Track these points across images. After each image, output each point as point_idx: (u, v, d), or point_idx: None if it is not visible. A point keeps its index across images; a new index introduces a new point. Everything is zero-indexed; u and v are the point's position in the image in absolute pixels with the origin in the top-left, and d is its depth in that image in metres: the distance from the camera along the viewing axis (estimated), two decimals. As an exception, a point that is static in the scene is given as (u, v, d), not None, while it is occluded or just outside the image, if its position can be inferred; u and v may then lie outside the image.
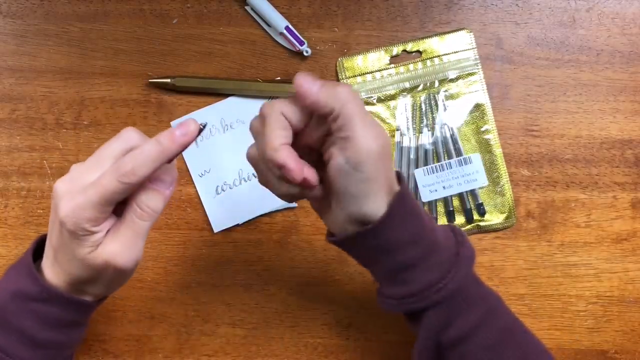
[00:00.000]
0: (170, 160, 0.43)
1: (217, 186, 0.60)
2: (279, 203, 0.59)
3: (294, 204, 0.60)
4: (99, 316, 0.59)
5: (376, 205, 0.43)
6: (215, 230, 0.59)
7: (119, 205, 0.43)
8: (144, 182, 0.42)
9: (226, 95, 0.60)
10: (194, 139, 0.43)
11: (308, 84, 0.43)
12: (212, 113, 0.60)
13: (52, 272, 0.44)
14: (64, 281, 0.44)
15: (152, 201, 0.43)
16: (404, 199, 0.43)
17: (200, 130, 0.43)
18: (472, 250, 0.46)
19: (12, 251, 0.59)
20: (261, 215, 0.60)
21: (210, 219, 0.59)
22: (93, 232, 0.42)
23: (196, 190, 0.60)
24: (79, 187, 0.41)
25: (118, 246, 0.42)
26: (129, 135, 0.43)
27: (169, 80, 0.59)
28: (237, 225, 0.60)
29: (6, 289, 0.45)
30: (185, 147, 0.42)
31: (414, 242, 0.44)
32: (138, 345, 0.59)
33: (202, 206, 0.60)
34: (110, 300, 0.59)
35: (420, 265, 0.44)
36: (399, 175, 0.45)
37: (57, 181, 0.42)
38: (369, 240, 0.44)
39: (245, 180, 0.60)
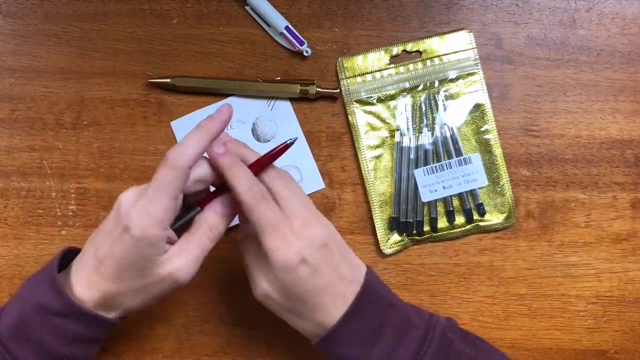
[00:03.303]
0: (211, 141, 0.45)
1: (217, 186, 0.60)
2: (279, 203, 0.59)
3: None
4: (99, 316, 0.59)
5: (328, 312, 0.45)
6: (215, 230, 0.59)
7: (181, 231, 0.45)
8: (193, 166, 0.44)
9: (226, 95, 0.60)
10: (229, 118, 0.46)
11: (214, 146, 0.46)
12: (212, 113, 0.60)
13: (88, 283, 0.44)
14: (102, 293, 0.44)
15: (220, 224, 0.45)
16: (354, 316, 0.44)
17: (289, 145, 0.47)
18: (442, 351, 0.46)
19: (12, 251, 0.59)
20: (261, 215, 0.60)
21: (210, 219, 0.59)
22: (159, 239, 0.43)
23: (196, 190, 0.60)
24: (143, 197, 0.43)
25: (184, 261, 0.44)
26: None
27: (169, 80, 0.59)
28: (237, 225, 0.60)
29: (29, 300, 0.45)
30: (224, 124, 0.45)
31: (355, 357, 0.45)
32: (138, 345, 0.59)
33: (202, 206, 0.60)
34: (110, 300, 0.59)
35: None
36: (367, 276, 0.47)
37: (123, 192, 0.44)
38: (322, 351, 0.46)
39: (245, 180, 0.60)
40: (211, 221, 0.45)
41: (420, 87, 0.59)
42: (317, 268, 0.44)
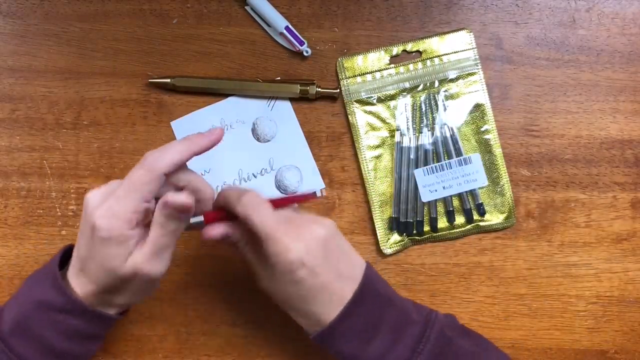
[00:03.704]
0: (193, 155, 0.45)
1: (217, 186, 0.60)
2: (279, 203, 0.60)
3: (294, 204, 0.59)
4: (99, 316, 0.59)
5: (324, 310, 0.45)
6: (215, 230, 0.59)
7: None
8: (169, 173, 0.43)
9: (226, 95, 0.60)
10: (219, 140, 0.46)
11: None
12: (212, 113, 0.60)
13: (78, 282, 0.45)
14: (90, 292, 0.45)
15: (172, 223, 0.44)
16: (352, 312, 0.45)
17: (317, 195, 0.48)
18: (440, 347, 0.46)
19: (12, 251, 0.59)
20: (261, 215, 0.60)
21: (210, 219, 0.59)
22: (127, 238, 0.42)
23: (196, 190, 0.60)
24: (111, 197, 0.43)
25: (142, 255, 0.43)
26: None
27: (169, 80, 0.59)
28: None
29: (30, 297, 0.45)
30: (211, 144, 0.45)
31: (354, 357, 0.46)
32: (138, 345, 0.59)
33: (202, 206, 0.60)
34: (110, 300, 0.59)
35: None
36: (366, 271, 0.47)
37: (88, 192, 0.44)
38: (319, 345, 0.47)
39: (245, 180, 0.60)
40: (161, 218, 0.44)
41: (420, 87, 0.59)
42: (316, 269, 0.44)
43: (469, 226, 0.59)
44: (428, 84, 0.59)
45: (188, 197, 0.43)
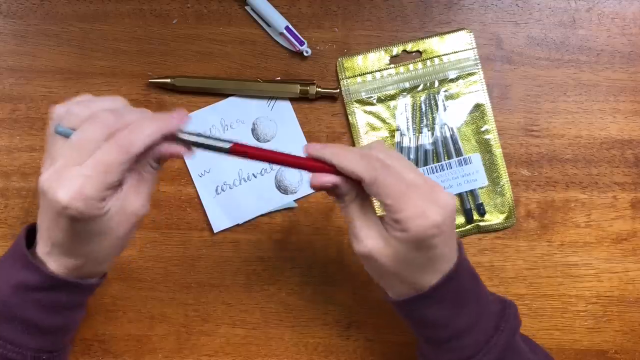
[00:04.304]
0: (166, 135, 0.42)
1: (217, 186, 0.60)
2: (279, 203, 0.59)
3: (294, 204, 0.60)
4: (99, 316, 0.59)
5: (428, 278, 0.44)
6: (215, 230, 0.59)
7: None
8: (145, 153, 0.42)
9: (226, 95, 0.60)
10: (184, 122, 0.43)
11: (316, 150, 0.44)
12: (212, 113, 0.60)
13: (54, 262, 0.44)
14: (67, 267, 0.44)
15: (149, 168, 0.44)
16: (447, 284, 0.44)
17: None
18: (513, 332, 0.46)
19: (12, 251, 0.59)
20: (261, 215, 0.60)
21: (210, 219, 0.59)
22: (101, 213, 0.41)
23: (196, 190, 0.60)
24: (71, 174, 0.40)
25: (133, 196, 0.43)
26: (106, 117, 0.42)
27: (169, 80, 0.59)
28: (237, 225, 0.60)
29: (6, 282, 0.44)
30: (179, 126, 0.43)
31: (443, 325, 0.45)
32: (138, 345, 0.59)
33: (202, 206, 0.60)
34: (110, 300, 0.59)
35: (446, 344, 0.45)
36: (459, 246, 0.46)
37: (40, 178, 0.41)
38: (401, 308, 0.46)
39: (245, 180, 0.60)
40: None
41: (420, 87, 0.59)
42: (447, 237, 0.43)
43: (469, 226, 0.59)
44: (428, 84, 0.59)
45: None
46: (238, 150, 0.44)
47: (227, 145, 0.44)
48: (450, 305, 0.45)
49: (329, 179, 0.43)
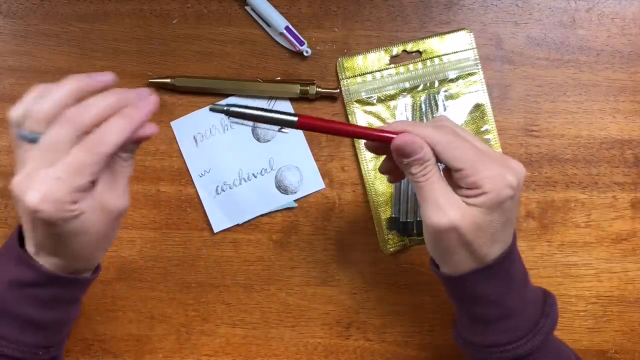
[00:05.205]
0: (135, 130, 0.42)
1: (217, 186, 0.60)
2: (279, 203, 0.59)
3: (294, 204, 0.60)
4: (99, 316, 0.59)
5: (495, 250, 0.44)
6: (215, 230, 0.59)
7: None
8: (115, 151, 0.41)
9: (226, 95, 0.60)
10: (154, 110, 0.42)
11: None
12: (212, 113, 0.60)
13: (42, 261, 0.44)
14: (55, 265, 0.44)
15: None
16: (506, 259, 0.44)
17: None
18: (555, 321, 0.47)
19: (12, 251, 0.59)
20: (261, 215, 0.60)
21: (210, 219, 0.59)
22: (73, 215, 0.40)
23: (196, 191, 0.60)
24: (41, 178, 0.39)
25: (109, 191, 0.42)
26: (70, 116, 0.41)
27: (169, 80, 0.59)
28: (237, 225, 0.60)
29: (0, 279, 0.44)
30: (147, 117, 0.42)
31: (496, 302, 0.45)
32: (138, 345, 0.59)
33: (202, 206, 0.60)
34: (110, 300, 0.59)
35: (495, 324, 0.46)
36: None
37: (12, 181, 0.40)
38: (456, 284, 0.46)
39: (245, 180, 0.60)
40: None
41: (420, 87, 0.59)
42: (517, 202, 0.44)
43: (469, 226, 0.59)
44: (428, 84, 0.59)
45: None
46: (305, 123, 0.44)
47: (294, 119, 0.44)
48: (505, 283, 0.45)
49: (415, 139, 0.43)
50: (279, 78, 0.60)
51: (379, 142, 0.45)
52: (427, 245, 0.46)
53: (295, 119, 0.44)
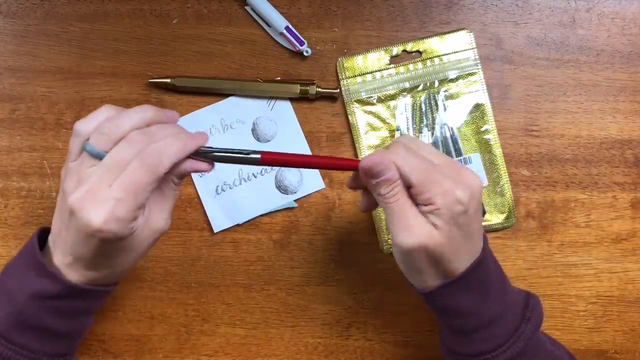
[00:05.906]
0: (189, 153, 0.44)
1: (217, 186, 0.60)
2: (279, 203, 0.59)
3: (294, 204, 0.60)
4: (99, 316, 0.59)
5: (463, 263, 0.44)
6: (215, 230, 0.59)
7: None
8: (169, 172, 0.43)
9: (226, 95, 0.60)
10: (204, 143, 0.45)
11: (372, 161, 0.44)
12: (212, 113, 0.60)
13: (75, 273, 0.44)
14: (87, 278, 0.45)
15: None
16: (476, 269, 0.45)
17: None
18: (537, 325, 0.47)
19: (12, 251, 0.59)
20: (261, 215, 0.60)
21: (210, 219, 0.59)
22: (131, 233, 0.42)
23: (196, 190, 0.60)
24: (103, 196, 0.41)
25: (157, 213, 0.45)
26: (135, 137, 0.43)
27: (169, 80, 0.59)
28: (237, 225, 0.60)
29: (21, 290, 0.44)
30: (200, 145, 0.45)
31: (472, 312, 0.46)
32: (138, 345, 0.59)
33: (202, 206, 0.60)
34: (110, 300, 0.59)
35: (474, 334, 0.46)
36: (484, 236, 0.47)
37: (70, 197, 0.41)
38: (428, 300, 0.47)
39: (245, 180, 0.60)
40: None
41: (420, 87, 0.59)
42: (474, 215, 0.44)
43: (469, 226, 0.59)
44: (428, 84, 0.59)
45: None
46: (268, 159, 0.45)
47: (257, 156, 0.45)
48: (479, 293, 0.45)
49: (383, 159, 0.44)
50: (279, 78, 0.60)
51: (342, 169, 0.46)
52: (398, 263, 0.46)
53: (259, 156, 0.45)
